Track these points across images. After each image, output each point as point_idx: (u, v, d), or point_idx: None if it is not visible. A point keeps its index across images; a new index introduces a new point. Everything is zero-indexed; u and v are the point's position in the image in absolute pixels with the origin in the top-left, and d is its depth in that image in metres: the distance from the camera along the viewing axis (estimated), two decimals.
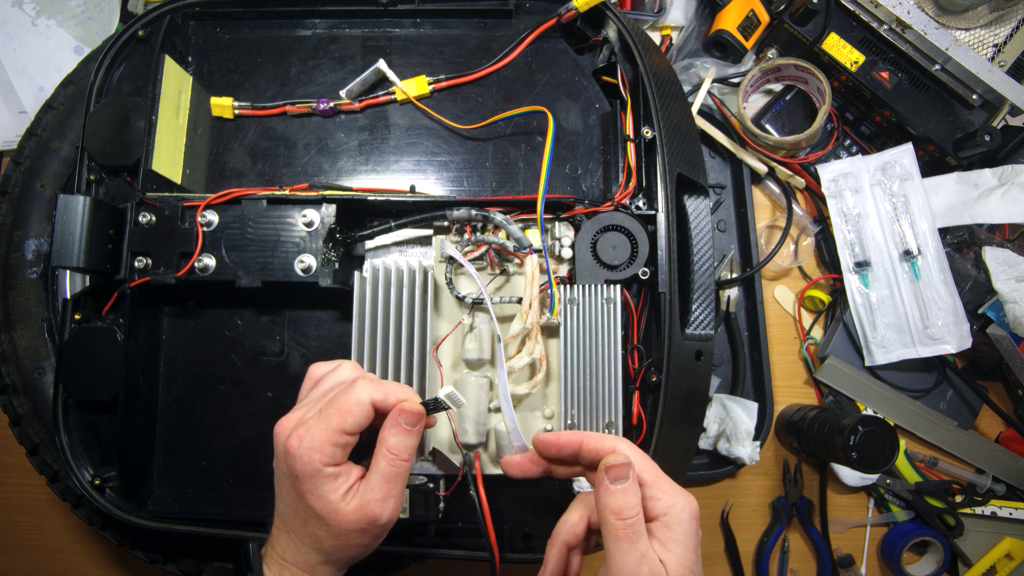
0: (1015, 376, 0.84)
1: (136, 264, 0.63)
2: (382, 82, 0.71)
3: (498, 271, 0.66)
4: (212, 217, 0.63)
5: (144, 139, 0.65)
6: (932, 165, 0.89)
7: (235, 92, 0.71)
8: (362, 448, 0.51)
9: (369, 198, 0.64)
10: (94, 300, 0.65)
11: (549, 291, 0.62)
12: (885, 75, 0.85)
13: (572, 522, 0.52)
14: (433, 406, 0.51)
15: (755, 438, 0.83)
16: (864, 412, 0.87)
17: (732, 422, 0.82)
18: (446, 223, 0.65)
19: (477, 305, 0.64)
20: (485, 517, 0.59)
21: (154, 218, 0.63)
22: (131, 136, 0.66)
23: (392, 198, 0.64)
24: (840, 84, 0.88)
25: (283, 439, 0.49)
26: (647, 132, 0.66)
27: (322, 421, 0.48)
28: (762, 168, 0.89)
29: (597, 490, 0.48)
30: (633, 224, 0.64)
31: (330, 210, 0.63)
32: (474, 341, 0.64)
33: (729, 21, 0.87)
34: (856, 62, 0.85)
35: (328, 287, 0.63)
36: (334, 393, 0.50)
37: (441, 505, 0.63)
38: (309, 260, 0.62)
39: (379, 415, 0.50)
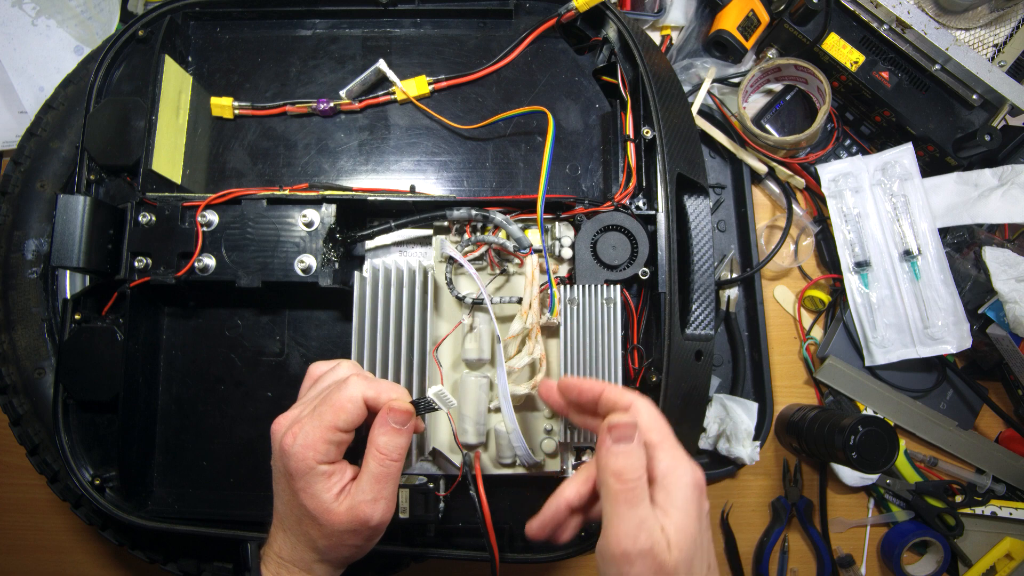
0: (1015, 376, 0.84)
1: (136, 264, 0.63)
2: (382, 82, 0.71)
3: (498, 271, 0.66)
4: (212, 217, 0.63)
5: (144, 139, 0.65)
6: (932, 165, 0.89)
7: (235, 92, 0.71)
8: (358, 449, 0.51)
9: (369, 198, 0.64)
10: (94, 300, 0.65)
11: (549, 291, 0.62)
12: (885, 75, 0.85)
13: (579, 481, 0.50)
14: (423, 406, 0.51)
15: (755, 438, 0.83)
16: (864, 412, 0.87)
17: (732, 422, 0.82)
18: (446, 223, 0.65)
19: (477, 305, 0.64)
20: (485, 517, 0.59)
21: (154, 218, 0.63)
22: (131, 136, 0.66)
23: (392, 198, 0.64)
24: (840, 84, 0.88)
25: (279, 437, 0.49)
26: (647, 132, 0.66)
27: (316, 419, 0.48)
28: (762, 168, 0.89)
29: (599, 449, 0.46)
30: (633, 224, 0.64)
31: (330, 210, 0.63)
32: (474, 341, 0.64)
33: (729, 21, 0.87)
34: (856, 62, 0.85)
35: (328, 287, 0.63)
36: (328, 391, 0.50)
37: (441, 505, 0.63)
38: (309, 260, 0.62)
39: (373, 413, 0.50)
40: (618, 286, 0.62)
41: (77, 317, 0.65)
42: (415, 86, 0.70)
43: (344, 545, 0.49)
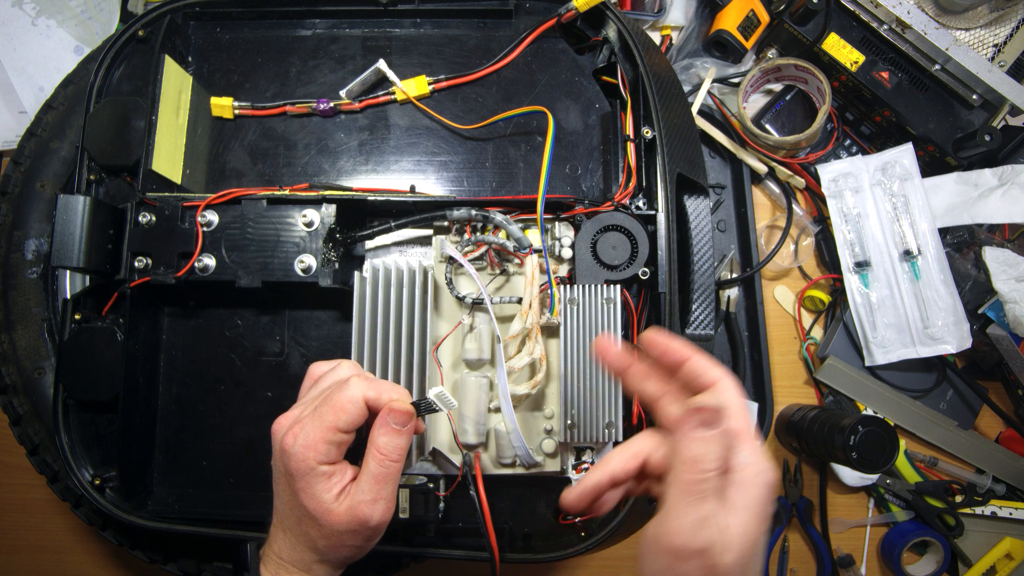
0: (1015, 376, 0.84)
1: (136, 264, 0.63)
2: (382, 82, 0.71)
3: (498, 271, 0.66)
4: (212, 217, 0.63)
5: (144, 139, 0.65)
6: (932, 165, 0.89)
7: (235, 92, 0.71)
8: (358, 450, 0.51)
9: (369, 198, 0.64)
10: (94, 300, 0.65)
11: (549, 291, 0.62)
12: (885, 75, 0.85)
13: (627, 455, 0.46)
14: (424, 407, 0.51)
15: None
16: (864, 412, 0.87)
17: None
18: (446, 223, 0.65)
19: (477, 305, 0.64)
20: (485, 517, 0.59)
21: (154, 218, 0.63)
22: (131, 136, 0.66)
23: (392, 198, 0.64)
24: (840, 84, 0.88)
25: (279, 437, 0.49)
26: (647, 132, 0.66)
27: (316, 419, 0.48)
28: (762, 168, 0.89)
29: (678, 431, 0.42)
30: (633, 224, 0.64)
31: (330, 210, 0.63)
32: (474, 341, 0.64)
33: (729, 21, 0.87)
34: (856, 62, 0.85)
35: (328, 287, 0.63)
36: (329, 391, 0.50)
37: (441, 505, 0.63)
38: (309, 260, 0.62)
39: (373, 414, 0.50)
40: (618, 286, 0.62)
41: (77, 317, 0.65)
42: (415, 86, 0.70)
43: (344, 546, 0.49)
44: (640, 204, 0.65)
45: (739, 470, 0.42)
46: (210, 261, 0.63)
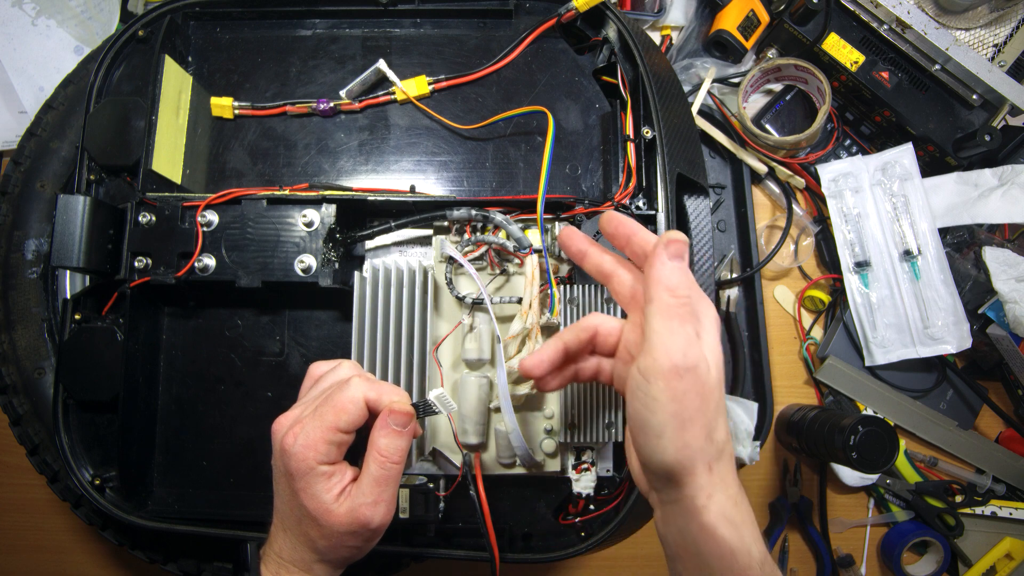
0: (1015, 376, 0.84)
1: (136, 264, 0.63)
2: (382, 82, 0.71)
3: (498, 271, 0.66)
4: (212, 217, 0.63)
5: (144, 139, 0.65)
6: (932, 165, 0.89)
7: (235, 92, 0.71)
8: (358, 450, 0.51)
9: (369, 198, 0.64)
10: (94, 300, 0.65)
11: (549, 291, 0.62)
12: (885, 75, 0.85)
13: (582, 327, 0.51)
14: (423, 409, 0.51)
15: (755, 438, 0.83)
16: (864, 412, 0.87)
17: (732, 422, 0.82)
18: (446, 223, 0.65)
19: (477, 305, 0.64)
20: (485, 517, 0.59)
21: (154, 218, 0.63)
22: (131, 136, 0.66)
23: (392, 198, 0.64)
24: (840, 84, 0.88)
25: (280, 436, 0.49)
26: (647, 132, 0.66)
27: (317, 419, 0.48)
28: (762, 168, 0.89)
29: (651, 262, 0.46)
30: None
31: (330, 210, 0.63)
32: (474, 341, 0.64)
33: (729, 21, 0.87)
34: (856, 62, 0.85)
35: (328, 287, 0.62)
36: (330, 391, 0.50)
37: (441, 505, 0.63)
38: (309, 260, 0.62)
39: (373, 415, 0.50)
40: None
41: (77, 317, 0.64)
42: (415, 86, 0.70)
43: (344, 546, 0.49)
44: (640, 204, 0.65)
45: (695, 303, 0.46)
46: (210, 261, 0.63)
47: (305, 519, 0.48)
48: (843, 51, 0.85)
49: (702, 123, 0.89)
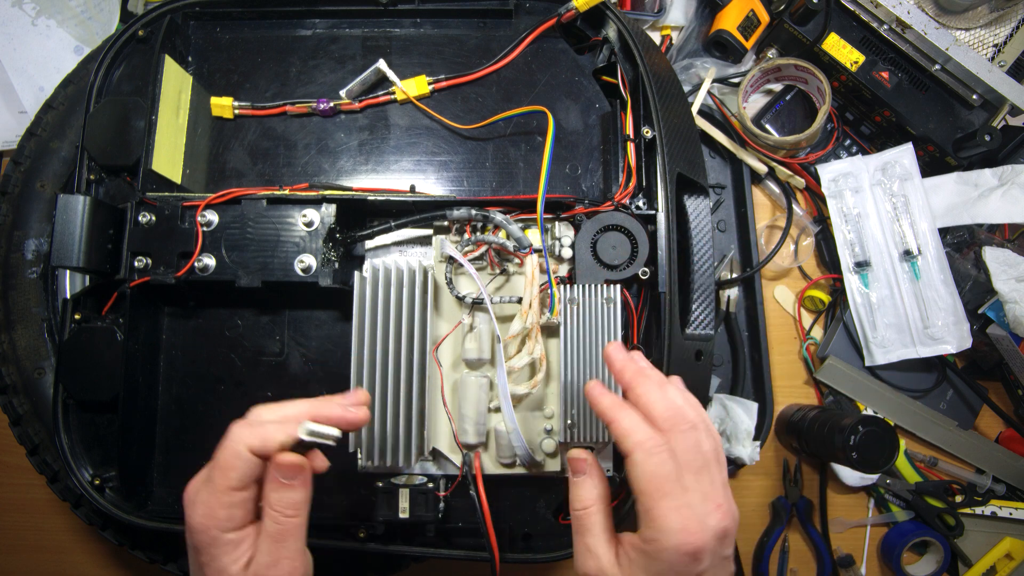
0: (1015, 376, 0.84)
1: (136, 264, 0.63)
2: (382, 82, 0.71)
3: (498, 271, 0.66)
4: (212, 217, 0.63)
5: (144, 139, 0.65)
6: (932, 165, 0.89)
7: (235, 92, 0.71)
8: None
9: (369, 198, 0.64)
10: (94, 300, 0.65)
11: (549, 291, 0.62)
12: (885, 75, 0.85)
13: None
14: (308, 445, 0.46)
15: (755, 438, 0.83)
16: (864, 412, 0.87)
17: (732, 422, 0.82)
18: (446, 223, 0.65)
19: (477, 305, 0.64)
20: (485, 517, 0.59)
21: (154, 218, 0.63)
22: (131, 136, 0.66)
23: (392, 198, 0.64)
24: (840, 84, 0.88)
25: (186, 508, 0.46)
26: (647, 132, 0.66)
27: (209, 485, 0.45)
28: (762, 168, 0.89)
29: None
30: (633, 224, 0.64)
31: (330, 210, 0.63)
32: (474, 341, 0.64)
33: (729, 21, 0.87)
34: (856, 62, 0.85)
35: (328, 287, 0.63)
36: (217, 449, 0.46)
37: (441, 505, 0.63)
38: (309, 260, 0.62)
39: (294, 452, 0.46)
40: (618, 286, 0.62)
41: (77, 317, 0.64)
42: (415, 86, 0.70)
43: None
44: (640, 204, 0.65)
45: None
46: (210, 261, 0.63)
47: None
48: (843, 51, 0.85)
49: (702, 123, 0.89)
